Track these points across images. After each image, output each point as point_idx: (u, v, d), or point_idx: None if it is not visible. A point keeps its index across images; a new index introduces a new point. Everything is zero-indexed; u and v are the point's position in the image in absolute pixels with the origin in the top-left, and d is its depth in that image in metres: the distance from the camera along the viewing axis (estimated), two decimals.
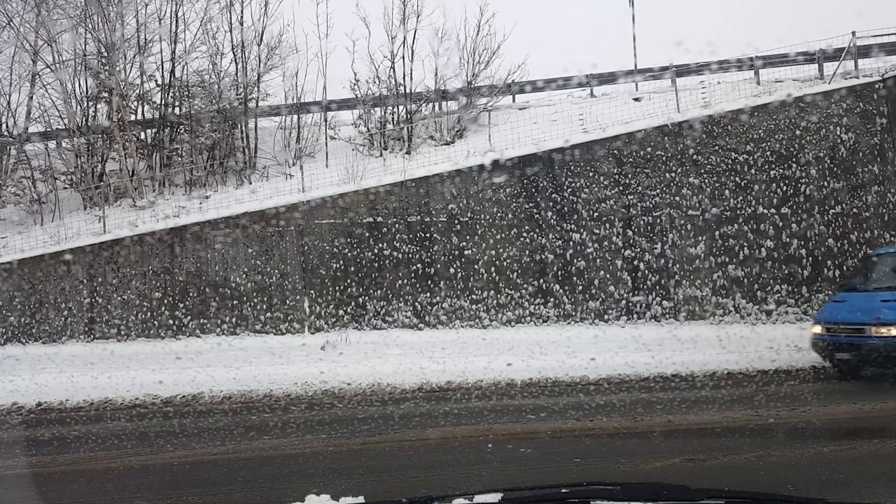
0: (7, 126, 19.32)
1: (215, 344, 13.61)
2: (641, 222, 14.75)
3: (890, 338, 8.69)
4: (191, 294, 14.32)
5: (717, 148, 14.89)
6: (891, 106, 14.91)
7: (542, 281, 14.48)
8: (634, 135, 14.98)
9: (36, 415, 9.20)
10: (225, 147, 18.18)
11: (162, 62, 18.91)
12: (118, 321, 14.17)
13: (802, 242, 14.52)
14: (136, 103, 19.06)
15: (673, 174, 14.87)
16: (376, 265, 14.55)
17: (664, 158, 14.91)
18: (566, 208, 14.80)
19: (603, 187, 14.85)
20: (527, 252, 14.62)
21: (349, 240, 14.61)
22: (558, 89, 18.75)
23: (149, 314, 14.20)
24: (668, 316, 14.30)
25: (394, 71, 18.79)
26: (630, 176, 14.88)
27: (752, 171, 14.79)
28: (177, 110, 18.98)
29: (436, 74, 19.01)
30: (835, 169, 14.83)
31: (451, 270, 14.52)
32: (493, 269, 14.53)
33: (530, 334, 13.57)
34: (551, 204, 14.81)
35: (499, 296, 14.40)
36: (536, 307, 14.37)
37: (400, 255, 14.59)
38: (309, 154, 18.11)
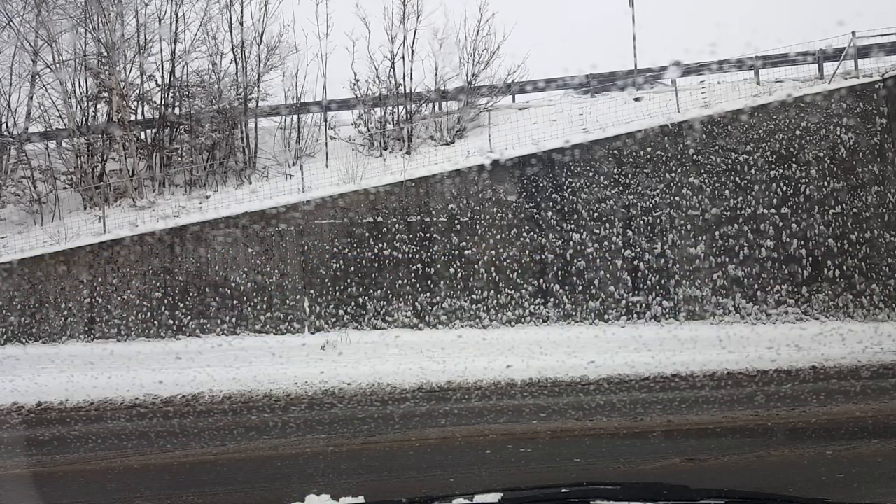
0: (7, 126, 19.33)
1: (215, 344, 13.60)
2: (641, 222, 14.74)
3: None
4: (191, 294, 14.32)
5: (717, 148, 14.88)
6: (891, 106, 14.90)
7: (542, 281, 14.48)
8: (634, 135, 14.97)
9: (36, 415, 9.20)
10: (225, 147, 18.18)
11: (162, 62, 18.94)
12: (118, 321, 14.16)
13: (802, 242, 14.51)
14: (136, 103, 19.06)
15: (673, 174, 14.86)
16: (376, 265, 14.54)
17: (664, 158, 14.91)
18: (566, 208, 14.79)
19: (603, 187, 14.85)
20: (527, 252, 14.61)
21: (349, 240, 14.61)
22: (558, 89, 18.75)
23: (149, 314, 14.20)
24: (668, 316, 14.29)
25: (394, 71, 18.80)
26: (630, 176, 14.87)
27: (752, 171, 14.78)
28: (177, 110, 18.98)
29: (436, 74, 19.01)
30: (835, 169, 14.81)
31: (451, 270, 14.51)
32: (493, 269, 14.52)
33: (530, 334, 13.56)
34: (551, 204, 14.81)
35: (499, 296, 14.39)
36: (536, 307, 14.37)
37: (400, 255, 14.58)
38: (309, 154, 18.12)
